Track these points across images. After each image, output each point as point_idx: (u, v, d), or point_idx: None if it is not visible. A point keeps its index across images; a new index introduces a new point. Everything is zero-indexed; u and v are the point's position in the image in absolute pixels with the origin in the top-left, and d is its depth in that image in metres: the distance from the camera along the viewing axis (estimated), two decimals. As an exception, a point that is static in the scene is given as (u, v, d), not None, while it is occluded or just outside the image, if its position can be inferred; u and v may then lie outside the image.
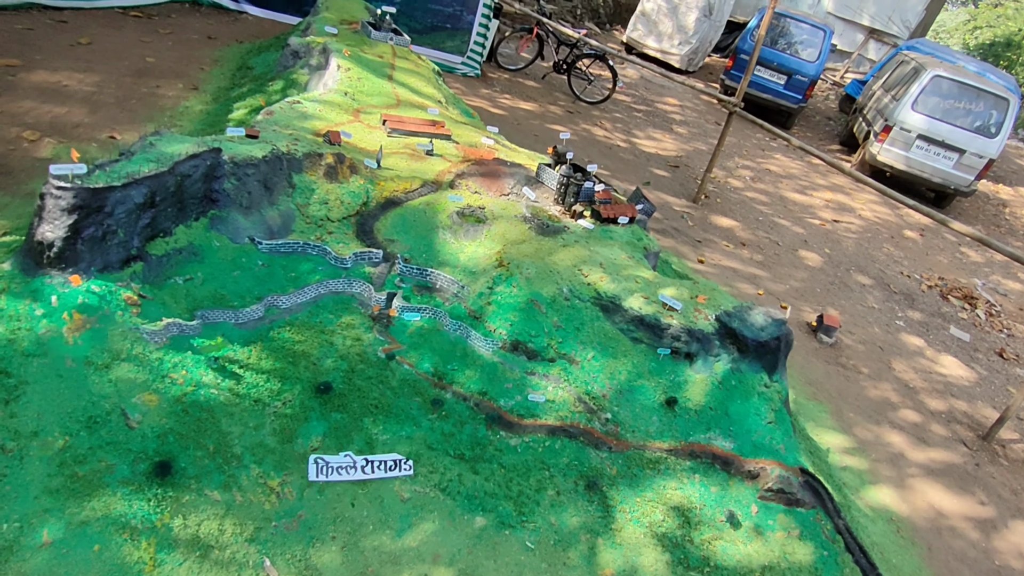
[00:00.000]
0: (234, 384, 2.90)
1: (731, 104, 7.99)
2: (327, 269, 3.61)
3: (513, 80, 11.15)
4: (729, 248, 7.57)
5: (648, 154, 9.96)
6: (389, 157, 4.47)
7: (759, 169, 11.18)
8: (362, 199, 4.00)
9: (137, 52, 6.72)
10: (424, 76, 6.16)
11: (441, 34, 10.06)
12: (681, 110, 13.51)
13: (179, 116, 5.69)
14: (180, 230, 3.14)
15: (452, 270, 3.82)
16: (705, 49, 17.03)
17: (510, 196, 4.41)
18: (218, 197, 3.34)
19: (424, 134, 4.86)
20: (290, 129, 4.29)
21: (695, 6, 15.62)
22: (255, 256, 3.41)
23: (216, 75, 6.75)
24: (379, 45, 6.41)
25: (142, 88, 5.97)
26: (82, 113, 5.22)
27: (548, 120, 9.77)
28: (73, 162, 2.63)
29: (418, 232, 4.00)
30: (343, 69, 5.44)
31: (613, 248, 4.08)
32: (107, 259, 2.74)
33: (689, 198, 8.68)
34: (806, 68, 13.66)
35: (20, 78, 5.43)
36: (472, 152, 4.86)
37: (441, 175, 4.43)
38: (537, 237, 4.04)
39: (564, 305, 3.59)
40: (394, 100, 5.37)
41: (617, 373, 3.49)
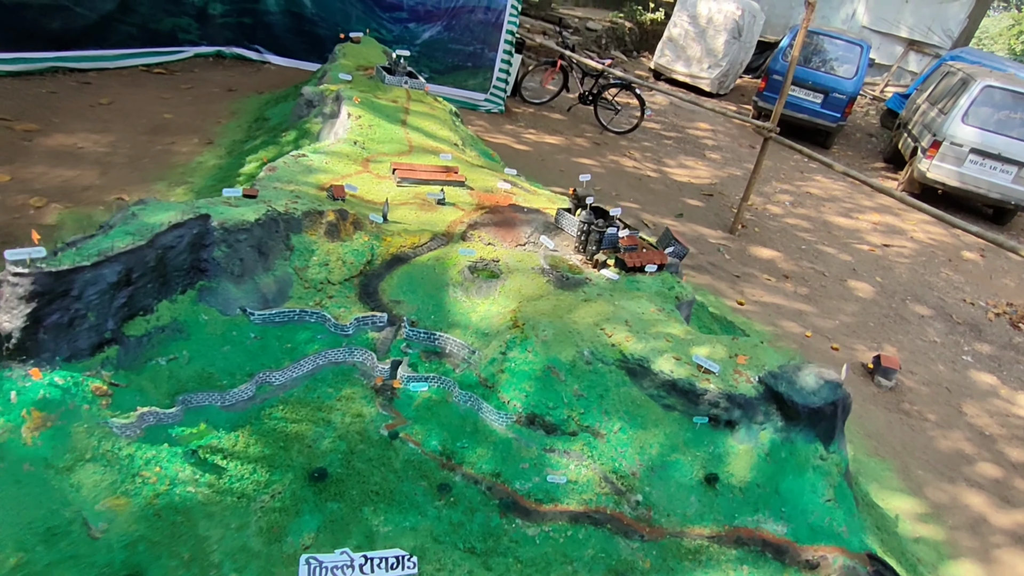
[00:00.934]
0: (215, 479, 2.61)
1: (766, 129, 7.57)
2: (326, 338, 3.33)
3: (538, 114, 10.94)
4: (771, 282, 7.09)
5: (680, 183, 9.56)
6: (397, 209, 4.21)
7: (799, 193, 10.66)
8: (366, 257, 3.73)
9: (155, 109, 6.71)
10: (439, 119, 5.95)
11: (463, 73, 9.95)
12: (713, 135, 13.09)
13: (191, 172, 5.58)
14: (163, 306, 2.91)
15: (463, 332, 3.50)
16: (736, 71, 16.65)
17: (527, 246, 4.09)
18: (207, 267, 3.10)
19: (436, 182, 4.61)
20: (293, 185, 4.07)
21: (724, 28, 15.30)
22: (247, 328, 3.16)
23: (232, 128, 6.68)
24: (393, 90, 6.24)
25: (156, 146, 5.90)
26: (93, 175, 5.14)
27: (574, 153, 9.49)
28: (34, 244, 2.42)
29: (426, 291, 3.70)
30: (354, 117, 5.26)
31: (640, 301, 3.71)
32: (75, 346, 2.51)
33: (725, 228, 8.23)
34: (843, 85, 13.13)
35: (36, 143, 5.40)
36: (487, 198, 4.57)
37: (453, 226, 4.15)
38: (556, 292, 3.70)
39: (585, 370, 3.22)
40: (406, 146, 5.15)
41: (648, 446, 3.09)
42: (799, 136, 13.60)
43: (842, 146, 14.50)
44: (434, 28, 9.59)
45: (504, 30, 9.71)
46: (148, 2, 7.82)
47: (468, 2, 9.50)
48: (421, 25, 9.55)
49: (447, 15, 9.53)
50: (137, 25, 7.75)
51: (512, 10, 9.62)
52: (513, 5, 9.60)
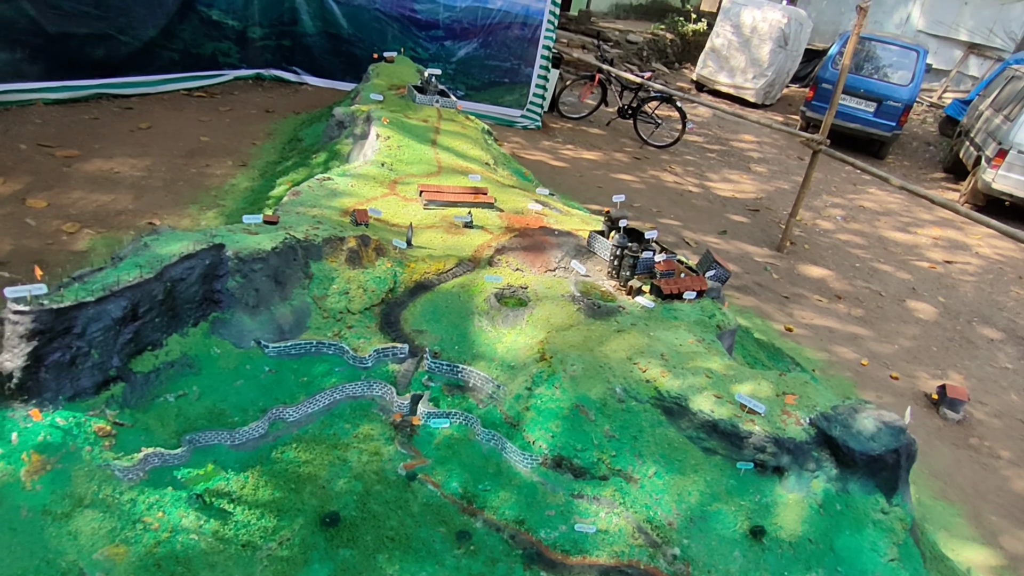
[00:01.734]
0: (220, 525, 2.47)
1: (816, 142, 7.19)
2: (344, 370, 3.19)
3: (576, 129, 10.75)
4: (822, 303, 6.68)
5: (724, 198, 9.21)
6: (423, 233, 4.06)
7: (851, 206, 10.15)
8: (388, 285, 3.58)
9: (193, 132, 6.78)
10: (471, 137, 5.81)
11: (499, 89, 9.85)
12: (759, 147, 12.66)
13: (223, 195, 5.58)
14: (173, 340, 2.81)
15: (487, 365, 3.31)
16: (782, 81, 16.16)
17: (557, 271, 3.88)
18: (220, 298, 3.00)
19: (463, 204, 4.45)
20: (316, 209, 3.97)
21: (769, 37, 14.87)
22: (261, 362, 3.03)
23: (267, 149, 6.69)
24: (424, 109, 6.14)
25: (191, 169, 5.94)
26: (128, 200, 5.17)
27: (613, 169, 9.25)
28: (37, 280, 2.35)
29: (450, 320, 3.53)
30: (382, 138, 5.16)
31: (678, 331, 3.45)
32: (78, 385, 2.42)
33: (772, 246, 7.85)
34: (898, 93, 12.55)
35: (75, 168, 5.48)
36: (517, 220, 4.39)
37: (480, 251, 3.97)
38: (587, 321, 3.47)
39: (617, 408, 2.98)
40: (435, 167, 5.02)
41: (686, 494, 2.83)
42: (851, 147, 13.04)
43: (897, 156, 13.85)
44: (470, 45, 9.53)
45: (541, 45, 9.58)
46: (190, 28, 7.97)
47: (504, 18, 9.42)
48: (457, 42, 9.50)
49: (483, 31, 9.46)
50: (179, 51, 7.90)
51: (549, 24, 9.49)
52: (550, 20, 9.47)
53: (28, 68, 6.33)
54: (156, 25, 7.48)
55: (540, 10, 9.37)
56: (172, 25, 7.69)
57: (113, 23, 7.01)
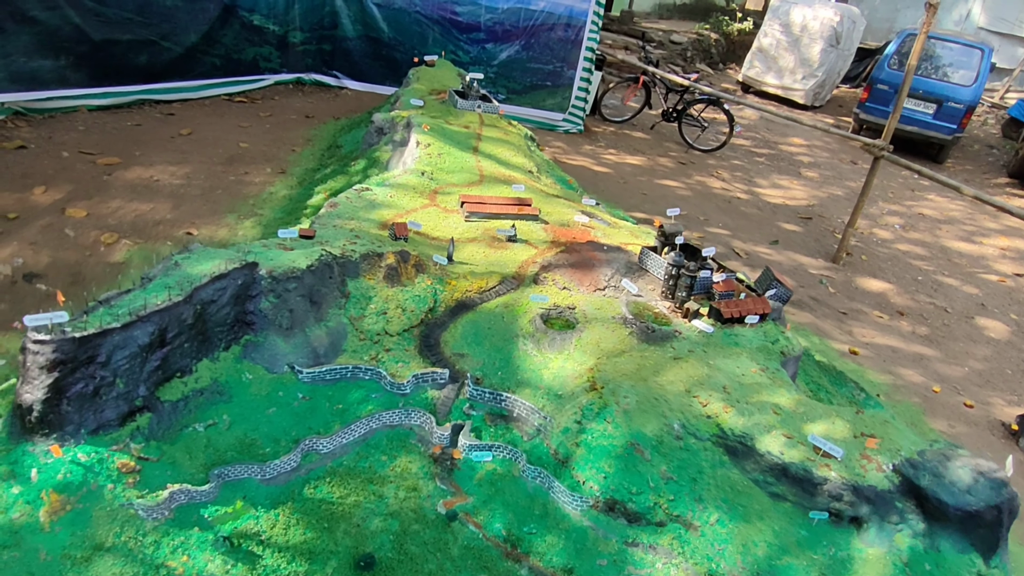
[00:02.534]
0: (248, 570, 2.30)
1: (877, 148, 6.78)
2: (381, 397, 3.00)
3: (619, 133, 10.45)
4: (883, 320, 6.28)
5: (774, 205, 8.81)
6: (464, 248, 3.87)
7: (910, 214, 9.63)
8: (428, 304, 3.39)
9: (233, 138, 6.73)
10: (513, 144, 5.61)
11: (541, 92, 9.63)
12: (809, 150, 12.17)
13: (261, 203, 5.48)
14: (203, 366, 2.66)
15: (533, 393, 3.09)
16: (833, 81, 15.56)
17: (606, 291, 3.64)
18: (253, 319, 2.85)
19: (506, 216, 4.24)
20: (354, 222, 3.81)
21: (820, 36, 14.31)
22: (295, 388, 2.87)
23: (306, 156, 6.60)
24: (466, 114, 5.96)
25: (230, 176, 5.87)
26: (166, 208, 5.11)
27: (658, 175, 8.94)
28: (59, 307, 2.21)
29: (493, 343, 3.32)
30: (422, 145, 4.99)
31: (740, 359, 3.18)
32: (102, 417, 2.28)
33: (828, 257, 7.45)
34: (960, 94, 11.91)
35: (116, 176, 5.45)
36: (563, 233, 4.16)
37: (524, 267, 3.76)
38: (640, 346, 3.23)
39: (675, 447, 2.73)
40: (477, 175, 4.82)
41: (752, 544, 2.56)
42: (908, 150, 12.41)
43: (958, 159, 13.18)
44: (512, 47, 9.33)
45: (584, 47, 9.33)
46: (231, 33, 7.95)
47: (547, 19, 9.19)
48: (499, 45, 9.31)
49: (525, 33, 9.26)
50: (221, 56, 7.88)
51: (592, 26, 9.24)
52: (593, 21, 9.21)
53: (72, 75, 6.36)
54: (198, 31, 7.47)
55: (584, 11, 9.12)
56: (214, 31, 7.67)
57: (156, 29, 7.02)
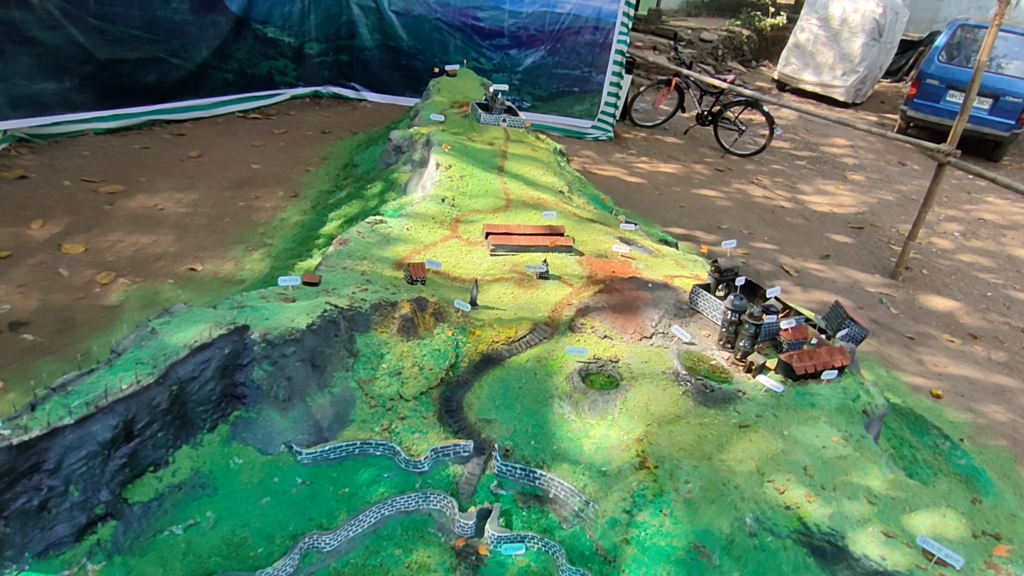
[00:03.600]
0: None
1: (942, 153, 6.16)
2: (395, 476, 2.57)
3: (651, 138, 9.93)
4: (955, 345, 5.66)
5: (821, 214, 8.20)
6: (489, 289, 3.41)
7: (969, 219, 8.93)
8: (449, 360, 2.95)
9: (244, 159, 6.38)
10: (542, 161, 5.14)
11: (569, 99, 9.16)
12: (853, 151, 11.48)
13: (272, 232, 5.11)
14: (182, 455, 2.25)
15: (572, 469, 2.62)
16: (874, 76, 14.79)
17: (654, 339, 3.15)
18: (244, 392, 2.43)
19: (536, 248, 3.78)
20: (365, 262, 3.38)
21: (861, 29, 13.58)
22: (293, 471, 2.45)
23: (321, 176, 6.22)
24: (490, 130, 5.51)
25: (240, 202, 5.51)
26: (169, 241, 4.76)
27: (694, 184, 8.39)
28: None
29: (525, 405, 2.86)
30: (443, 167, 4.56)
31: (818, 425, 2.67)
32: (51, 535, 1.88)
33: (885, 272, 6.83)
34: (1018, 87, 11.11)
35: (118, 206, 5.13)
36: (600, 267, 3.68)
37: (558, 310, 3.29)
38: (697, 410, 2.74)
39: (749, 547, 2.24)
40: (503, 200, 4.37)
41: (852, 676, 2.06)
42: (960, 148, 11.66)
43: (1014, 157, 12.34)
44: (537, 53, 8.88)
45: (613, 50, 8.84)
46: (245, 47, 7.63)
47: (574, 22, 8.72)
48: (523, 51, 8.87)
49: (551, 38, 8.80)
50: (234, 71, 7.57)
51: (622, 28, 8.74)
52: (623, 23, 8.71)
53: (77, 98, 6.07)
54: (209, 46, 7.17)
55: (613, 12, 8.63)
56: (226, 45, 7.36)
57: (165, 46, 6.72)
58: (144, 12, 6.46)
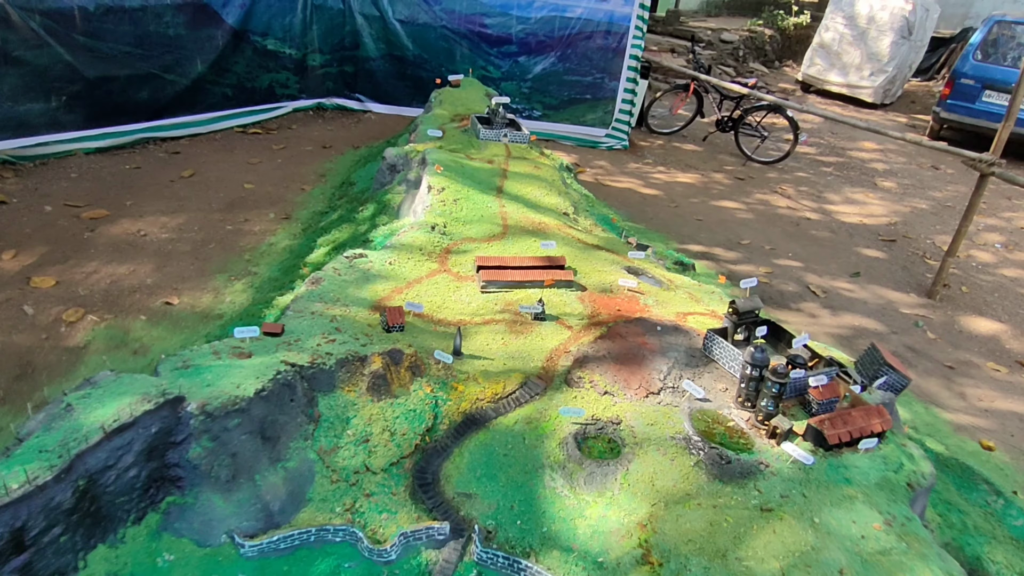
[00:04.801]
0: None
1: (985, 163, 5.66)
2: (357, 567, 2.21)
3: (668, 146, 9.50)
4: (1001, 374, 5.16)
5: (849, 226, 7.70)
6: (477, 333, 3.05)
7: (1011, 228, 8.35)
8: (425, 422, 2.59)
9: (238, 178, 6.11)
10: (546, 180, 4.78)
11: (581, 107, 8.78)
12: (883, 155, 10.92)
13: (258, 258, 4.80)
14: (97, 556, 1.92)
15: (563, 558, 2.24)
16: (904, 76, 14.19)
17: (662, 394, 2.76)
18: (179, 474, 2.10)
19: (532, 284, 3.41)
20: (339, 306, 3.04)
21: (890, 28, 13.00)
22: (235, 567, 2.11)
23: (315, 196, 5.92)
24: (490, 146, 5.16)
25: (227, 225, 5.22)
26: (147, 270, 4.48)
27: (712, 195, 7.95)
28: None
29: (511, 476, 2.49)
30: (435, 190, 4.21)
31: (855, 507, 2.26)
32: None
33: (921, 291, 6.33)
34: (1060, 85, 10.44)
35: (99, 232, 4.87)
36: (604, 304, 3.30)
37: (553, 359, 2.92)
38: (710, 487, 2.34)
39: (774, 673, 1.84)
40: (499, 226, 4.01)
41: None
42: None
43: (1054, 159, 11.64)
44: (547, 60, 8.52)
45: (628, 55, 8.44)
46: (243, 60, 7.38)
47: (585, 27, 8.35)
48: (532, 58, 8.52)
49: (561, 44, 8.43)
50: (232, 86, 7.32)
51: (637, 32, 8.33)
52: (638, 26, 8.31)
53: (65, 117, 5.84)
54: (205, 60, 6.92)
55: (627, 15, 8.24)
56: (223, 59, 7.11)
57: (157, 62, 6.48)
58: (135, 28, 6.23)
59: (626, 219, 6.74)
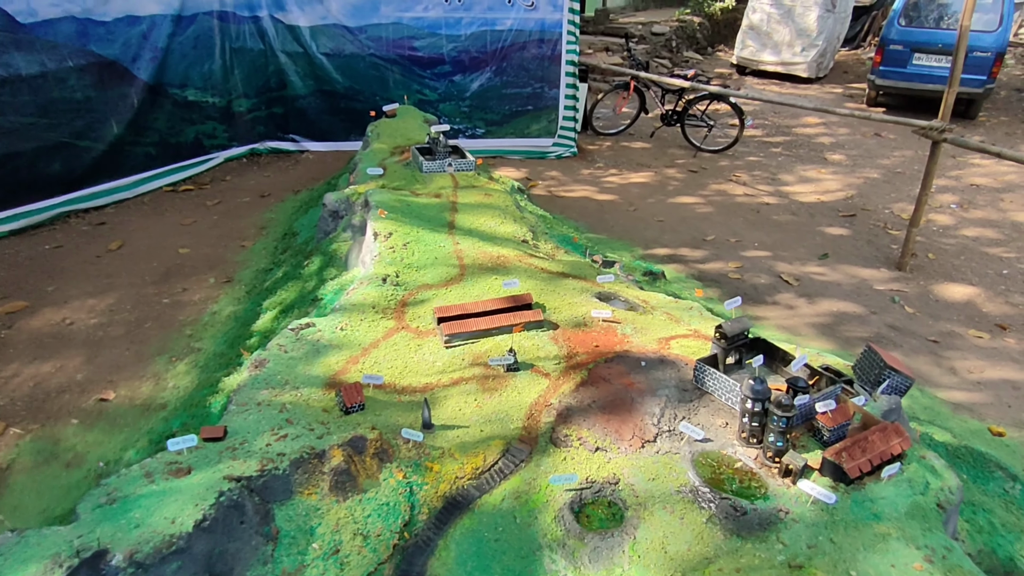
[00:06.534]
0: None
1: (935, 130, 5.60)
2: None
3: (617, 147, 9.35)
4: (984, 340, 5.07)
5: (808, 205, 7.63)
6: (447, 398, 2.75)
7: (962, 187, 8.41)
8: (401, 516, 2.28)
9: (172, 243, 5.69)
10: (499, 207, 4.51)
11: (524, 118, 8.57)
12: (827, 128, 10.99)
13: (200, 332, 4.41)
14: None
15: (578, 658, 1.95)
16: (834, 48, 14.43)
17: (658, 441, 2.50)
18: (112, 642, 1.75)
19: (499, 330, 3.12)
20: (287, 388, 2.71)
21: (815, 3, 13.21)
22: None
23: (258, 252, 5.54)
24: (436, 178, 4.87)
25: (164, 299, 4.81)
26: (76, 365, 4.05)
27: (669, 192, 7.80)
28: None
29: (505, 564, 2.19)
30: (382, 237, 3.90)
31: (890, 546, 2.02)
32: None
33: (889, 263, 6.25)
34: (985, 41, 10.68)
35: (17, 328, 4.42)
36: (579, 341, 3.04)
37: (534, 416, 2.63)
38: (728, 544, 2.09)
39: None
40: (456, 267, 3.72)
41: None
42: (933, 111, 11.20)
43: (989, 112, 11.90)
44: (483, 76, 8.29)
45: (564, 61, 8.26)
46: (164, 116, 6.95)
47: (517, 38, 8.14)
48: (468, 75, 8.27)
49: (496, 58, 8.21)
50: (154, 144, 6.88)
51: (570, 37, 8.16)
52: (570, 31, 8.13)
53: (-32, 203, 5.37)
54: (121, 121, 6.48)
55: (557, 21, 8.06)
56: (141, 117, 6.68)
57: (67, 129, 6.02)
58: (37, 97, 5.77)
59: (586, 231, 6.52)
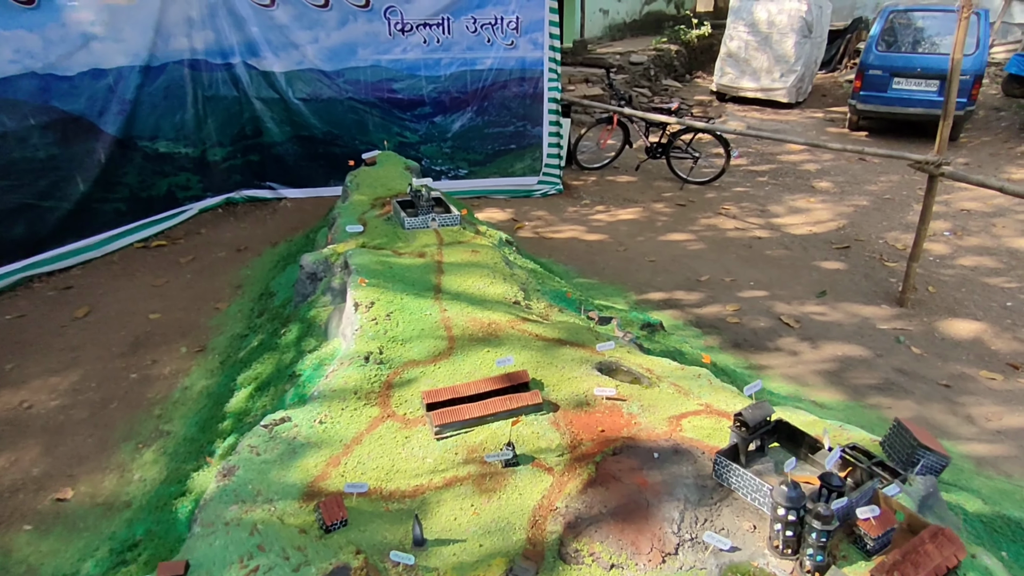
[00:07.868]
0: None
1: (932, 164, 5.46)
2: None
3: (602, 181, 9.20)
4: (998, 382, 4.88)
5: (801, 238, 7.48)
6: (440, 504, 2.47)
7: (953, 213, 8.32)
8: (393, 661, 1.98)
9: (142, 308, 5.37)
10: (487, 266, 4.26)
11: (507, 157, 8.40)
12: (812, 154, 10.93)
13: (170, 412, 4.10)
14: None
15: None
16: (812, 72, 14.54)
17: (680, 553, 2.23)
18: None
19: (495, 417, 2.85)
20: (259, 504, 2.41)
21: (791, 29, 13.28)
22: None
23: (232, 315, 5.24)
24: (419, 235, 4.63)
25: (132, 373, 4.49)
26: (33, 456, 3.72)
27: (658, 228, 7.63)
28: None
29: None
30: (363, 307, 3.63)
31: None
32: None
33: (890, 299, 6.08)
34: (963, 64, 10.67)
35: (-28, 413, 4.08)
36: (583, 425, 2.77)
37: (539, 524, 2.35)
38: None
39: None
40: (444, 339, 3.45)
41: None
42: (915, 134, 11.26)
43: (970, 133, 11.93)
44: (465, 116, 8.13)
45: (546, 98, 8.13)
46: (134, 170, 6.67)
47: (498, 77, 8.00)
48: (449, 116, 8.10)
49: (477, 98, 8.05)
50: (124, 199, 6.59)
51: (551, 74, 8.04)
52: (551, 68, 8.01)
53: (-78, 276, 5.04)
54: (87, 178, 6.19)
55: (538, 59, 7.93)
56: (109, 172, 6.39)
57: (30, 190, 5.72)
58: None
59: (577, 275, 6.30)
